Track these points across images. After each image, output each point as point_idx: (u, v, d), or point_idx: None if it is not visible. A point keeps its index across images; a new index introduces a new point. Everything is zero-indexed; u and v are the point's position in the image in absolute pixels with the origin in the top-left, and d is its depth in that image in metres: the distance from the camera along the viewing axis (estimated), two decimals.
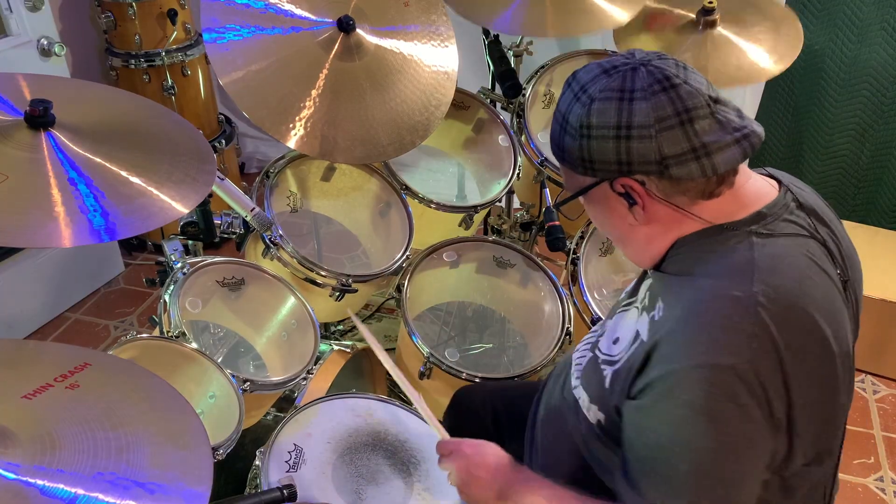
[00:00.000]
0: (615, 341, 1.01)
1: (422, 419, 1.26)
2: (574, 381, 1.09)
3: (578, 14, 1.81)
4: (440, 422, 1.35)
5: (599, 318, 1.60)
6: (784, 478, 0.90)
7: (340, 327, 2.27)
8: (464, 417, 1.44)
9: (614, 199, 0.94)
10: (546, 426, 1.18)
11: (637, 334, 0.96)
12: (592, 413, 1.02)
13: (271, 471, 1.16)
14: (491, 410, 1.42)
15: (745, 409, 0.83)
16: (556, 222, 1.61)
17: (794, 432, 0.86)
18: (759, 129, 0.90)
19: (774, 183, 0.98)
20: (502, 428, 1.38)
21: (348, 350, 1.60)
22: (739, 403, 0.82)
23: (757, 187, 0.95)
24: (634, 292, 1.06)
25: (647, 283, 1.03)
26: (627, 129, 0.87)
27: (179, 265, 1.45)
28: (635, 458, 0.91)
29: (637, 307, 1.02)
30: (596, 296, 1.69)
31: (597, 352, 1.05)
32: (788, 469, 0.90)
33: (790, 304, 0.86)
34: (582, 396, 1.05)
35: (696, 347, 0.85)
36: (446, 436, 1.14)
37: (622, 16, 1.81)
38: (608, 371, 0.99)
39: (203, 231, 1.49)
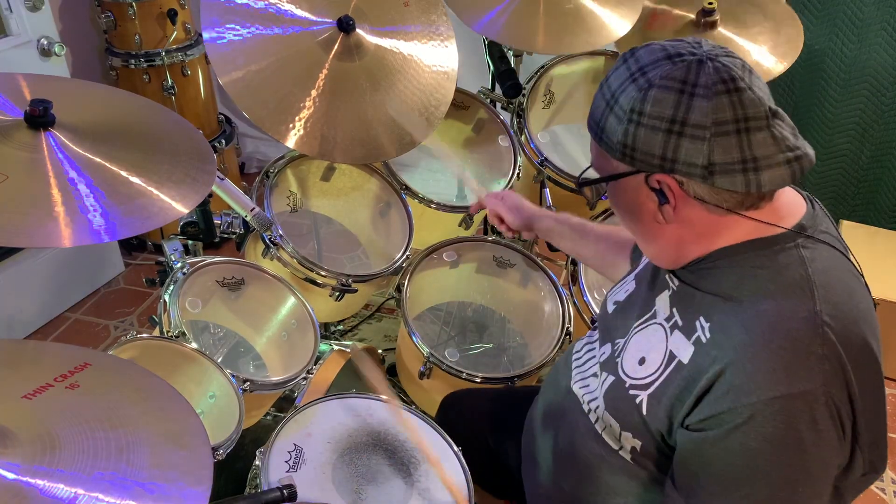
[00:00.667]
0: (641, 362, 0.97)
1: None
2: (589, 406, 1.06)
3: (574, 30, 1.77)
4: (432, 418, 1.35)
5: None
6: (838, 488, 0.90)
7: (340, 327, 2.27)
8: (456, 420, 1.44)
9: (645, 194, 0.89)
10: (550, 436, 1.16)
11: (672, 355, 0.92)
12: (626, 440, 0.99)
13: (271, 471, 1.16)
14: (482, 414, 1.41)
15: (822, 432, 0.82)
16: None
17: (858, 446, 0.86)
18: (811, 152, 0.85)
19: (796, 192, 0.96)
20: (496, 432, 1.37)
21: (348, 350, 1.60)
22: (817, 429, 0.81)
23: (791, 198, 0.92)
24: (647, 306, 1.02)
25: (664, 296, 0.99)
26: (682, 125, 0.82)
27: (179, 265, 1.45)
28: (703, 488, 0.89)
29: (661, 324, 0.97)
30: (596, 296, 1.69)
31: (622, 374, 1.00)
32: (847, 480, 0.89)
33: (848, 320, 0.85)
34: (607, 424, 1.01)
35: (769, 377, 0.81)
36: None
37: (620, 29, 1.80)
38: (642, 396, 0.95)
39: (203, 231, 1.49)
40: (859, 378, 0.83)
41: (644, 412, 0.95)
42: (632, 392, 0.97)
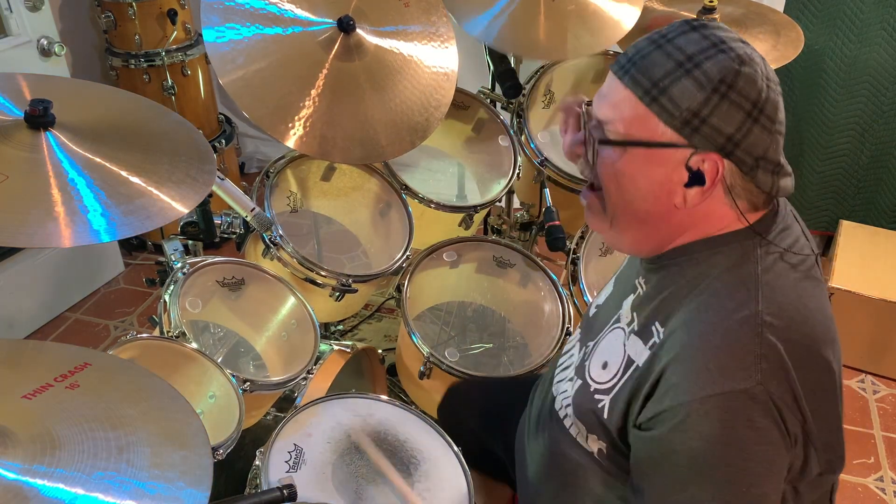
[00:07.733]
0: (604, 366, 0.98)
1: None
2: (565, 411, 1.06)
3: (577, 32, 1.76)
4: (434, 420, 1.35)
5: None
6: (797, 488, 0.90)
7: (340, 327, 2.27)
8: (458, 416, 1.44)
9: (676, 172, 0.83)
10: (537, 440, 1.16)
11: (630, 360, 0.93)
12: (592, 442, 0.99)
13: (271, 471, 1.16)
14: (483, 411, 1.41)
15: (762, 431, 0.81)
16: (557, 222, 1.61)
17: (810, 445, 0.85)
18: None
19: None
20: (495, 429, 1.38)
21: (348, 350, 1.60)
22: (755, 427, 0.80)
23: None
24: (616, 309, 1.02)
25: (630, 300, 0.99)
26: (760, 112, 0.80)
27: (179, 265, 1.45)
28: (653, 490, 0.89)
29: (623, 328, 0.97)
30: (596, 295, 1.69)
31: (588, 378, 1.00)
32: (803, 480, 0.88)
33: (794, 321, 0.84)
34: (579, 428, 1.02)
35: (705, 376, 0.81)
36: None
37: (627, 23, 1.79)
38: (605, 400, 0.95)
39: (203, 231, 1.49)
40: (804, 379, 0.82)
41: (605, 416, 0.95)
42: (596, 396, 0.97)
